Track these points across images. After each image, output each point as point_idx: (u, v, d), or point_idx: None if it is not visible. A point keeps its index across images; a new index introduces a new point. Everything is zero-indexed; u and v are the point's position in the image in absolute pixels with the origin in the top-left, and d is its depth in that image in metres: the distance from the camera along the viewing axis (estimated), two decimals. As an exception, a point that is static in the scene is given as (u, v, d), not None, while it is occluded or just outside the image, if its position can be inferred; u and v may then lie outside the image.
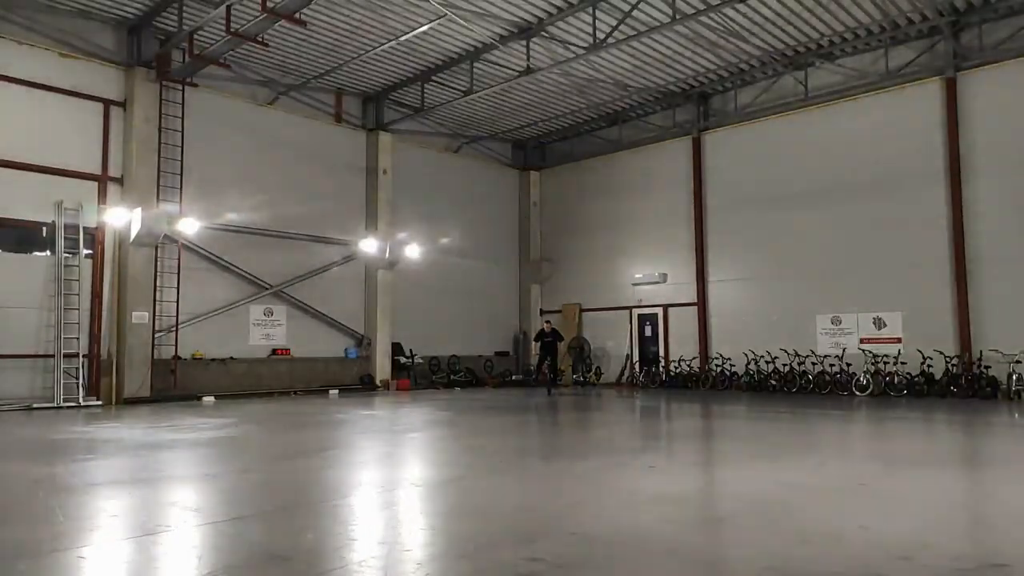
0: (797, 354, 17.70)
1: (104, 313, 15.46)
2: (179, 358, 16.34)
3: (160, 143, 16.17)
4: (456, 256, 22.36)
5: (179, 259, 16.51)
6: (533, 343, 19.67)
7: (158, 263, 16.11)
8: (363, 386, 19.43)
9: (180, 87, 16.43)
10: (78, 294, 14.91)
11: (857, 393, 16.16)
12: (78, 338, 14.71)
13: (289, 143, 18.75)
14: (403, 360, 20.60)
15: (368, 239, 19.85)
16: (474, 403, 15.43)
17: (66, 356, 14.57)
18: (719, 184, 20.11)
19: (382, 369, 19.97)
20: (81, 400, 14.46)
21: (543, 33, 16.23)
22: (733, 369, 18.90)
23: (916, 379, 15.68)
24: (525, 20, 15.79)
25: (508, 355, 23.72)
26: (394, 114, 20.71)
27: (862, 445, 9.29)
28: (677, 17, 14.88)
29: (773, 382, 17.68)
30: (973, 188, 15.89)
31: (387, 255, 19.84)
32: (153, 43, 16.01)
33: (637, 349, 21.84)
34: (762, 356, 18.19)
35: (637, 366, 21.48)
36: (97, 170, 15.58)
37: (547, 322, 19.42)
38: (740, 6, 15.00)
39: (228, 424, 11.22)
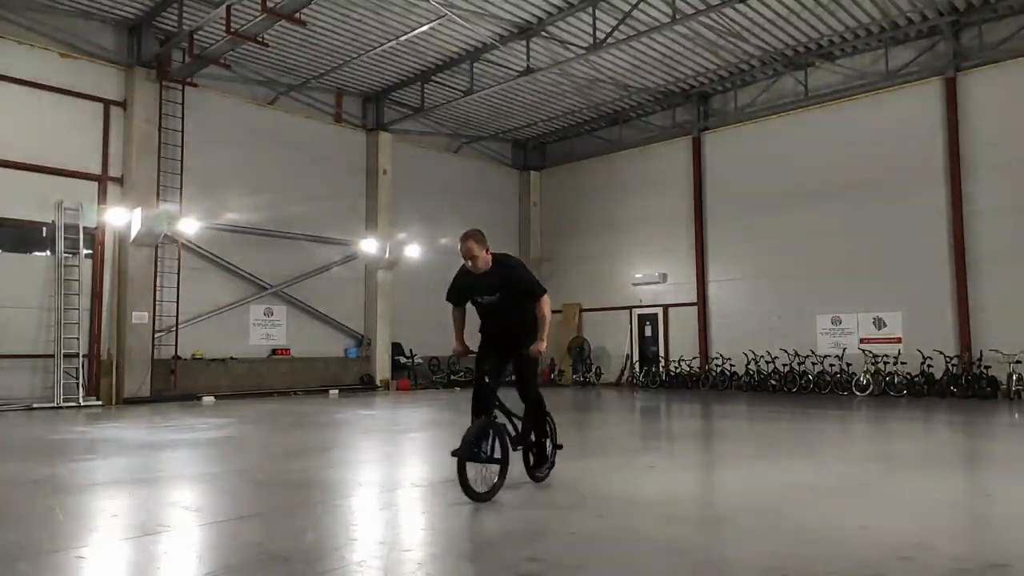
0: (797, 354, 17.69)
1: (104, 313, 15.46)
2: (179, 358, 16.33)
3: (160, 143, 16.17)
4: (456, 256, 22.31)
5: (179, 259, 16.50)
6: (454, 317, 5.93)
7: (158, 263, 16.11)
8: (363, 386, 19.42)
9: (180, 87, 16.43)
10: (78, 294, 14.90)
11: (857, 393, 16.16)
12: (78, 338, 14.71)
13: (289, 143, 18.74)
14: (403, 360, 20.60)
15: (368, 239, 19.85)
16: (474, 403, 15.38)
17: (66, 356, 14.57)
18: (719, 184, 20.10)
19: (382, 369, 19.96)
20: (81, 400, 14.46)
21: (543, 33, 16.22)
22: (733, 369, 18.89)
23: (916, 379, 15.67)
24: (525, 20, 15.78)
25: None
26: (394, 114, 20.71)
27: (862, 445, 9.28)
28: (677, 17, 14.88)
29: (773, 382, 17.66)
30: (973, 188, 15.88)
31: (387, 255, 19.84)
32: (153, 43, 16.01)
33: (637, 349, 21.83)
34: (762, 356, 18.18)
35: (637, 366, 21.47)
36: (97, 170, 15.58)
37: (473, 238, 5.97)
38: (740, 6, 14.99)
39: (228, 424, 11.21)
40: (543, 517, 4.97)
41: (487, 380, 5.53)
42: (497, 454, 5.41)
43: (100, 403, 14.86)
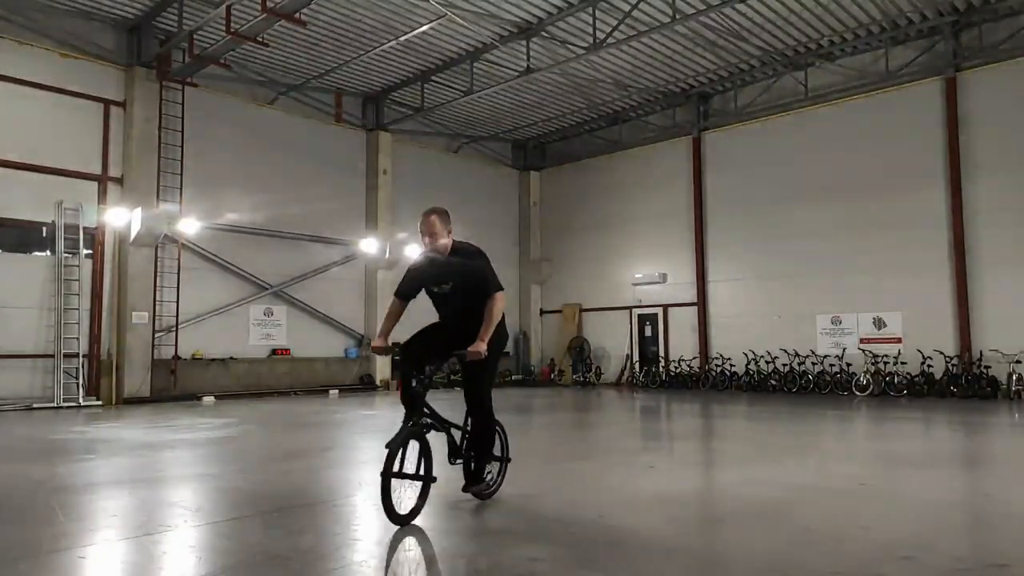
0: (797, 354, 17.70)
1: (104, 313, 15.46)
2: (179, 358, 16.33)
3: (160, 143, 16.17)
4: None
5: (179, 259, 16.50)
6: (390, 309, 5.50)
7: (158, 263, 16.11)
8: (363, 386, 19.43)
9: (180, 87, 16.43)
10: (78, 294, 14.90)
11: (857, 393, 16.16)
12: (78, 338, 14.71)
13: (289, 143, 18.74)
14: (403, 360, 20.57)
15: (368, 239, 19.85)
16: (474, 403, 15.38)
17: (66, 356, 14.57)
18: (719, 184, 20.10)
19: (382, 369, 19.96)
20: (81, 400, 14.46)
21: (543, 33, 16.22)
22: (733, 369, 18.89)
23: (916, 379, 15.68)
24: (525, 20, 15.78)
25: (508, 355, 23.71)
26: (394, 114, 20.70)
27: (862, 445, 9.28)
28: (677, 17, 14.88)
29: (773, 382, 17.66)
30: (973, 188, 15.89)
31: (387, 255, 19.83)
32: (153, 43, 16.01)
33: (637, 349, 21.83)
34: (762, 356, 18.18)
35: (637, 366, 21.47)
36: (97, 170, 15.58)
37: (436, 213, 5.28)
38: (740, 6, 14.99)
39: (228, 424, 11.21)
40: (543, 517, 4.97)
41: (414, 383, 4.85)
42: (419, 470, 4.86)
43: (100, 403, 14.86)
